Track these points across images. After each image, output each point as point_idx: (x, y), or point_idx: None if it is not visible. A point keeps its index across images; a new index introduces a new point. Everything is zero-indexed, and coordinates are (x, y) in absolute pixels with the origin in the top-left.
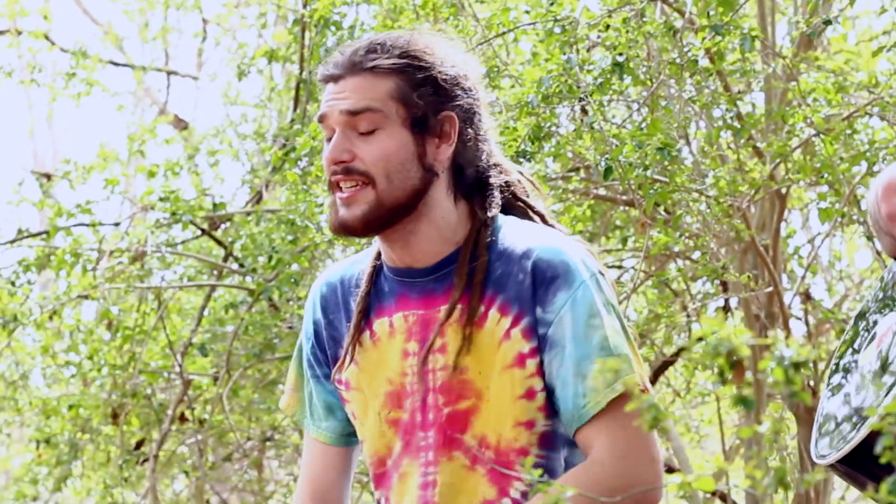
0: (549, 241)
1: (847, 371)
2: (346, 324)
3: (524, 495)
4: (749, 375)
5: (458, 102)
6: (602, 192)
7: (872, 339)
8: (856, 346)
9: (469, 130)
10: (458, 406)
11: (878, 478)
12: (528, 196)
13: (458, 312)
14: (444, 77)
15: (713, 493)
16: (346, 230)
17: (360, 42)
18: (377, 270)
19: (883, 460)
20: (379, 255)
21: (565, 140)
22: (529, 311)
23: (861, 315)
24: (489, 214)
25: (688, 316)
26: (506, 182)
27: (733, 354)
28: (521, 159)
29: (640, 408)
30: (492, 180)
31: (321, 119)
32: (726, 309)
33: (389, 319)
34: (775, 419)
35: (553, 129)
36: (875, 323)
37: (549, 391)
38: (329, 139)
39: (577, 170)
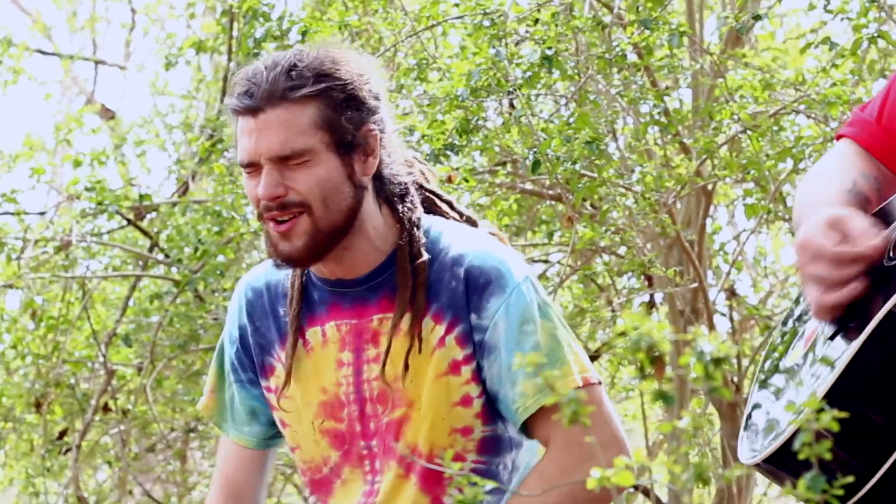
0: (480, 246)
1: (775, 369)
2: (275, 331)
3: (459, 490)
4: (670, 371)
5: (376, 114)
6: (529, 186)
7: (801, 337)
8: (786, 343)
9: (387, 138)
10: (392, 415)
11: (800, 474)
12: (429, 183)
13: (394, 322)
14: (361, 92)
15: (636, 488)
16: (290, 263)
17: (269, 65)
18: (305, 280)
19: (801, 457)
20: None
21: (493, 133)
22: (464, 318)
23: (800, 314)
24: (415, 216)
25: (613, 311)
26: (416, 175)
27: (654, 350)
28: (449, 152)
29: (560, 401)
30: (406, 179)
31: (243, 163)
32: (651, 304)
33: (322, 329)
34: (695, 415)
35: (481, 122)
36: (805, 321)
37: (494, 396)
38: (249, 172)
39: (504, 164)
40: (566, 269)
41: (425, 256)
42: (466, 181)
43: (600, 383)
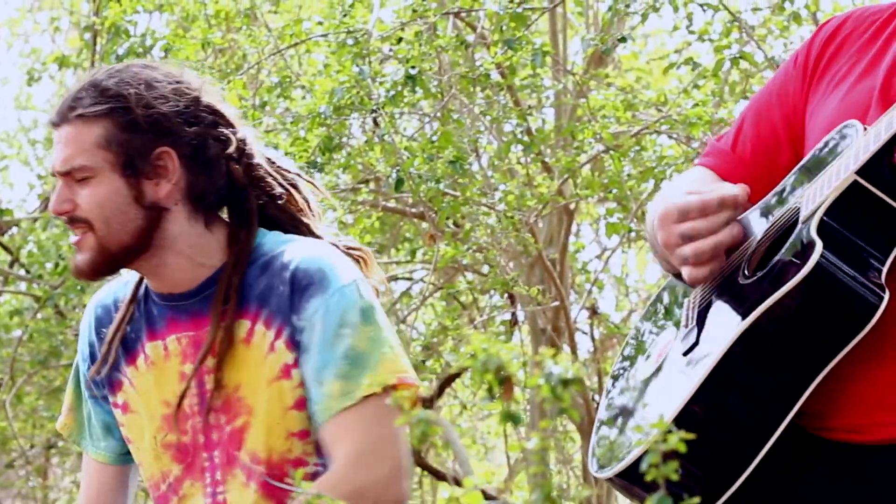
0: (308, 250)
1: (625, 385)
2: (121, 347)
3: None
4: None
5: (176, 137)
6: (392, 204)
7: (650, 355)
8: (635, 358)
9: (200, 159)
10: (235, 423)
11: (651, 489)
12: (296, 206)
13: (224, 331)
14: (154, 115)
15: None
16: (78, 275)
17: (82, 81)
18: (144, 294)
19: (648, 478)
20: (142, 279)
21: (356, 151)
22: (288, 322)
23: (646, 328)
24: (246, 233)
25: (475, 329)
26: (271, 196)
27: (502, 371)
28: (312, 170)
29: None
30: (248, 200)
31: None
32: (513, 322)
33: (163, 343)
34: (543, 435)
35: (344, 140)
36: (654, 337)
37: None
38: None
39: (367, 182)
40: (429, 286)
41: (242, 274)
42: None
43: (417, 387)
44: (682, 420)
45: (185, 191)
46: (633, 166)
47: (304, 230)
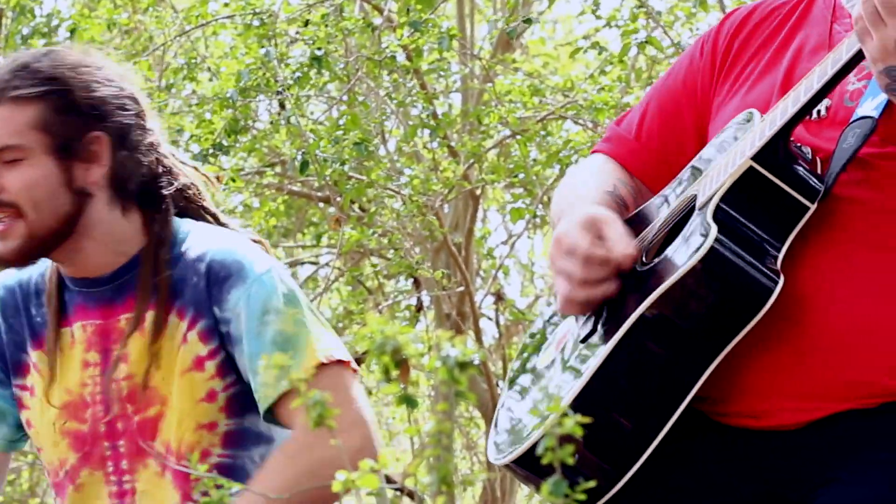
0: (221, 242)
1: (525, 371)
2: (27, 329)
3: (205, 493)
4: (424, 377)
5: (108, 122)
6: (298, 187)
7: (552, 340)
8: (539, 346)
9: (126, 145)
10: (146, 414)
11: (550, 476)
12: (201, 197)
13: (139, 322)
14: (90, 99)
15: (401, 491)
16: (3, 263)
17: (9, 62)
18: (59, 280)
19: (544, 461)
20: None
21: (262, 134)
22: (206, 314)
23: (552, 315)
24: (163, 222)
25: (381, 313)
26: (179, 186)
27: (398, 353)
28: (217, 153)
29: (307, 403)
30: (163, 189)
31: None
32: (418, 307)
33: (70, 330)
34: (440, 418)
35: (250, 123)
36: (556, 324)
37: (246, 387)
38: None
39: (273, 165)
40: (335, 271)
41: (168, 264)
42: (234, 181)
43: (348, 363)
44: (578, 406)
45: (108, 177)
46: (540, 151)
47: (212, 220)
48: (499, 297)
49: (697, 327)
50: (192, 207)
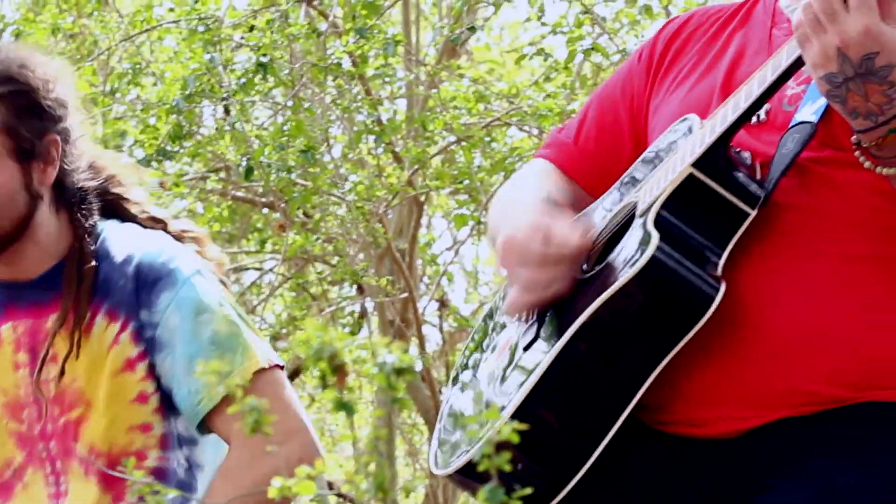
0: (149, 244)
1: (468, 379)
2: None
3: (142, 499)
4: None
5: (61, 122)
6: (242, 193)
7: (494, 348)
8: (478, 352)
9: (68, 146)
10: (70, 415)
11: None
12: (124, 188)
13: (66, 321)
14: (48, 100)
15: (342, 497)
16: None
17: None
18: None
19: (480, 469)
20: None
21: (206, 140)
22: (135, 316)
23: (489, 315)
24: (89, 223)
25: (324, 319)
26: (103, 179)
27: (335, 359)
28: (162, 158)
29: (243, 409)
30: (86, 185)
31: None
32: (362, 314)
33: None
34: (375, 425)
35: (195, 128)
36: (498, 331)
37: (168, 392)
38: None
39: (218, 170)
40: (279, 277)
41: (93, 262)
42: (178, 186)
43: (282, 368)
44: (520, 415)
45: (54, 179)
46: (484, 158)
47: (139, 219)
48: (442, 303)
49: (639, 335)
50: (118, 205)
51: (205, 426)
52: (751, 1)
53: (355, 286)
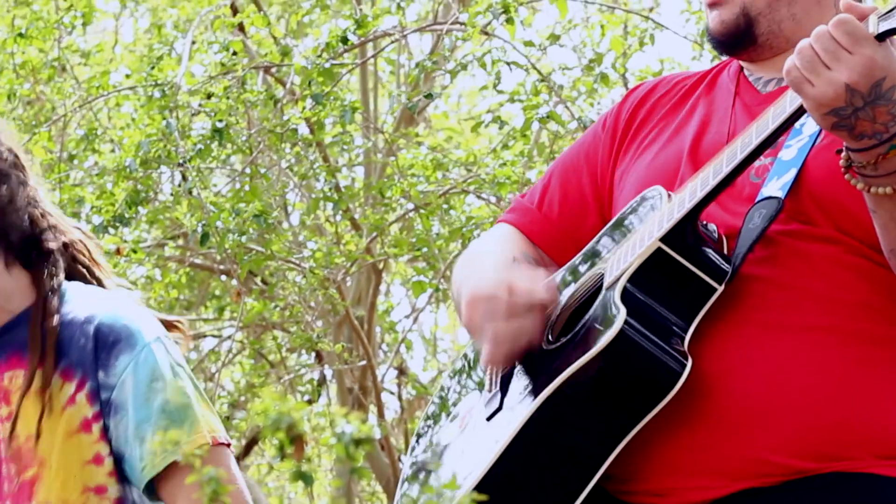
0: (110, 306)
1: (429, 447)
2: None
3: None
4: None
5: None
6: (200, 260)
7: (455, 417)
8: (438, 420)
9: (5, 198)
10: (25, 475)
11: None
12: (88, 255)
13: (24, 380)
14: None
15: None
16: None
17: None
18: None
19: None
20: None
21: (163, 206)
22: (92, 376)
23: (447, 384)
24: (53, 282)
25: (282, 387)
26: (64, 243)
27: (293, 429)
28: (119, 224)
29: (200, 480)
30: (48, 244)
31: None
32: (321, 381)
33: None
34: (334, 495)
35: (152, 194)
36: (459, 397)
37: (120, 456)
38: None
39: (176, 237)
40: (237, 344)
41: (56, 320)
42: (135, 253)
43: (229, 445)
44: (484, 486)
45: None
46: (442, 225)
47: (99, 282)
48: (401, 371)
49: (605, 409)
50: (78, 269)
51: (155, 494)
52: (716, 68)
53: (314, 353)
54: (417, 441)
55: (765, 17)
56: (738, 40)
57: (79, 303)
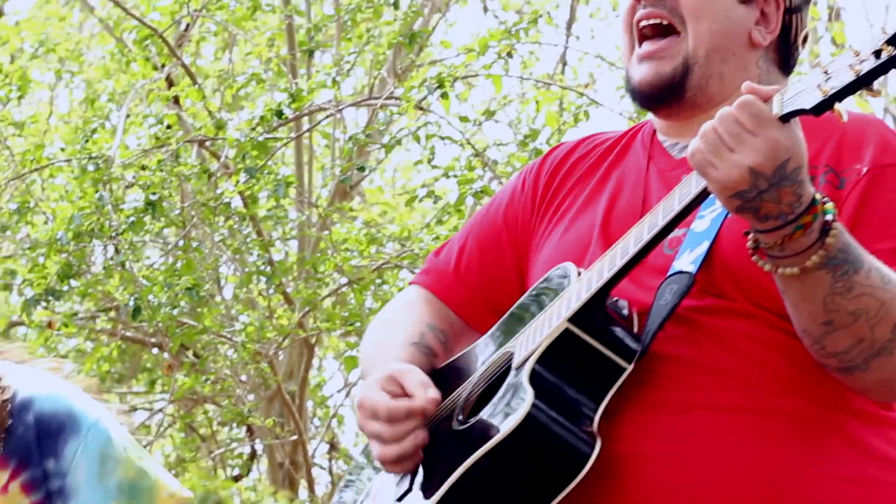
0: (47, 389)
1: None
2: None
3: None
4: None
5: None
6: (132, 333)
7: (368, 494)
8: (353, 499)
9: None
10: None
11: None
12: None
13: None
14: None
15: None
16: None
17: None
18: None
19: None
20: None
21: (94, 279)
22: (34, 465)
23: (360, 462)
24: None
25: (213, 461)
26: None
27: None
28: (51, 297)
29: None
30: None
31: None
32: (252, 456)
33: None
34: None
35: (84, 267)
36: (371, 476)
37: None
38: None
39: (108, 310)
40: (168, 417)
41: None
42: (67, 326)
43: (191, 499)
44: None
45: None
46: (375, 300)
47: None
48: (333, 445)
49: (513, 491)
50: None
51: None
52: (630, 132)
53: (245, 428)
54: None
55: (700, 68)
56: (667, 94)
57: (13, 387)
